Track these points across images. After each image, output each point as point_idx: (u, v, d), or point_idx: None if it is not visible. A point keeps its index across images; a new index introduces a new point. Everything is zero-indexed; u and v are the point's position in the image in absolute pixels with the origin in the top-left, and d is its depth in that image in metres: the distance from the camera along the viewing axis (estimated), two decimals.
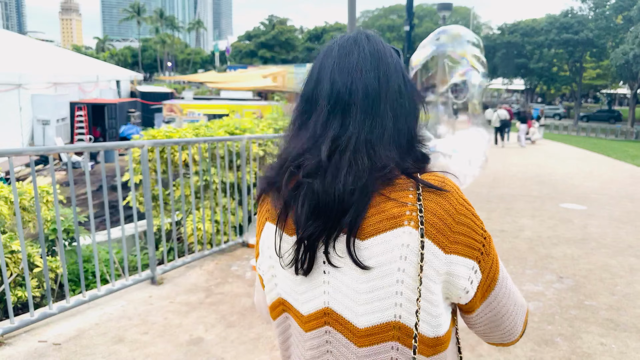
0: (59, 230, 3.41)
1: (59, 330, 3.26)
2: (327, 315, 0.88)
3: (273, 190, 0.91)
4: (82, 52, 77.71)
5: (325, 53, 0.94)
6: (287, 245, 0.89)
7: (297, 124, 0.92)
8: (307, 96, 0.91)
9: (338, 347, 0.88)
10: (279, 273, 0.94)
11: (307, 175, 0.83)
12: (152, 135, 4.76)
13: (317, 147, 0.85)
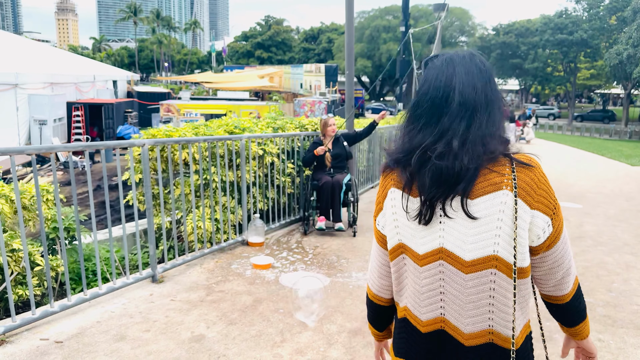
0: (61, 229, 3.42)
1: (61, 328, 3.27)
2: (442, 252, 1.24)
3: (400, 166, 1.27)
4: (78, 52, 77.42)
5: (447, 64, 1.26)
6: (411, 204, 1.25)
7: (422, 121, 1.25)
8: (433, 100, 1.24)
9: (449, 274, 1.24)
10: (402, 224, 1.29)
11: (438, 157, 1.19)
12: (151, 134, 4.77)
13: (447, 139, 1.20)
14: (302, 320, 3.48)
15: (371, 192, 8.65)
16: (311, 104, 28.13)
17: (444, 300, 1.26)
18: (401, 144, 1.29)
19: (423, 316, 1.30)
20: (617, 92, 61.02)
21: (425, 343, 1.30)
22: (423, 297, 1.29)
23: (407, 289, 1.34)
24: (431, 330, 1.29)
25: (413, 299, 1.32)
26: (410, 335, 1.34)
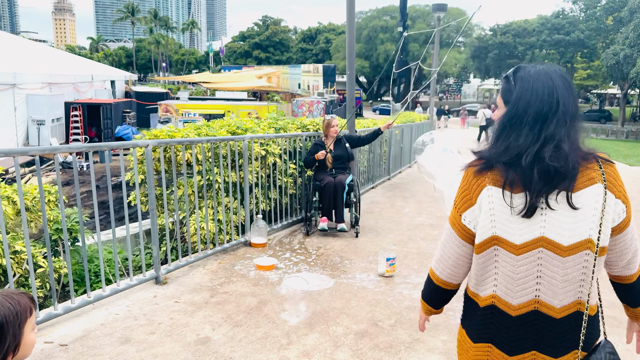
0: (65, 231, 3.39)
1: (65, 330, 3.24)
2: (542, 240, 1.41)
3: (503, 167, 1.42)
4: (76, 52, 77.20)
5: (545, 77, 1.44)
6: (515, 200, 1.40)
7: (524, 128, 1.41)
8: (539, 109, 1.41)
9: (547, 259, 1.41)
10: (499, 218, 1.43)
11: (550, 158, 1.37)
12: (154, 135, 4.74)
13: (555, 143, 1.38)
14: (286, 319, 3.46)
15: (372, 193, 8.63)
16: (309, 104, 28.12)
17: (539, 284, 1.44)
18: (503, 148, 1.44)
19: (515, 301, 1.46)
20: (614, 92, 61.23)
21: (516, 325, 1.47)
22: (518, 283, 1.45)
23: (496, 278, 1.49)
24: (524, 312, 1.45)
25: (505, 285, 1.47)
26: (499, 321, 1.49)
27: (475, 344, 1.55)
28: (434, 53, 17.32)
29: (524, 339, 1.47)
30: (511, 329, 1.47)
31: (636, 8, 32.78)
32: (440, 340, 3.30)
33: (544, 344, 1.47)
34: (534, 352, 1.48)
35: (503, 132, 1.46)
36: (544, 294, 1.43)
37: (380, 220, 6.65)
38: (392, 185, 9.63)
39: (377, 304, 3.85)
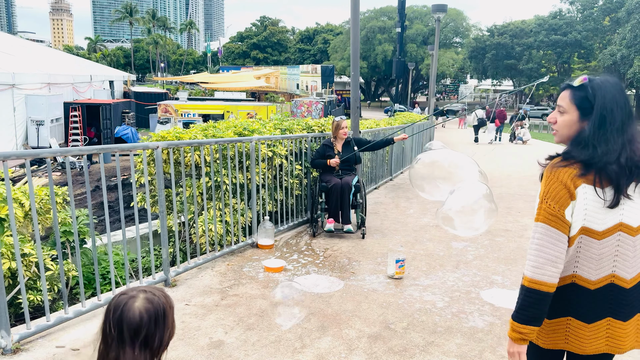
0: (75, 233, 3.36)
1: (77, 334, 3.21)
2: (621, 225, 1.67)
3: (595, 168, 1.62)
4: (74, 52, 76.96)
5: (619, 88, 1.68)
6: (607, 194, 1.62)
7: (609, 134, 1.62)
8: (622, 117, 1.64)
9: (624, 240, 1.68)
10: (589, 211, 1.64)
11: (634, 157, 1.62)
12: (161, 137, 4.71)
13: (635, 145, 1.64)
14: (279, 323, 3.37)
15: (375, 193, 8.62)
16: (308, 105, 28.11)
17: (616, 261, 1.70)
18: (601, 152, 1.63)
19: (594, 277, 1.71)
20: None
21: (593, 297, 1.71)
22: (598, 263, 1.70)
23: (577, 261, 1.72)
24: (601, 285, 1.71)
25: (586, 265, 1.71)
26: (578, 296, 1.72)
27: (551, 320, 1.76)
28: (432, 54, 17.30)
29: (600, 308, 1.72)
30: (590, 300, 1.72)
31: (633, 9, 32.92)
32: (455, 344, 3.28)
33: (617, 311, 1.72)
34: (609, 318, 1.72)
35: (594, 138, 1.64)
36: (619, 269, 1.71)
37: (386, 221, 6.64)
38: (394, 185, 9.62)
39: (388, 307, 3.83)
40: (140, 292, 1.37)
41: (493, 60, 50.35)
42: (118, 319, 1.32)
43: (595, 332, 1.72)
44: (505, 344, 3.25)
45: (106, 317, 1.34)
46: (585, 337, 1.73)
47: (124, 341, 1.31)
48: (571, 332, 1.74)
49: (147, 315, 1.32)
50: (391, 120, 13.69)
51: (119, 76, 32.72)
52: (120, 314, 1.32)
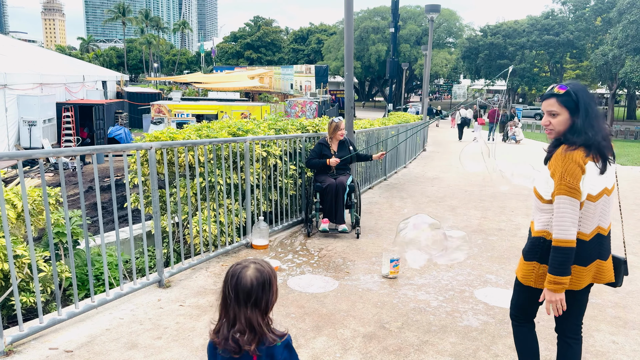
0: (68, 234, 3.33)
1: (70, 336, 3.19)
2: (605, 190, 2.23)
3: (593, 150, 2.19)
4: (66, 52, 76.52)
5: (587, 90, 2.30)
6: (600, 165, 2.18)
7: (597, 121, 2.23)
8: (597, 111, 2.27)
9: (605, 199, 2.23)
10: (591, 182, 2.19)
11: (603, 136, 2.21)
12: (154, 137, 4.69)
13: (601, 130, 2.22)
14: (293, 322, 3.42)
15: (369, 193, 8.63)
16: (302, 105, 28.09)
17: (601, 216, 2.26)
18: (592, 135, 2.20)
19: (588, 230, 2.25)
20: (602, 92, 61.86)
21: (587, 246, 2.25)
22: (591, 220, 2.24)
23: (581, 220, 2.22)
24: (592, 236, 2.25)
25: (585, 223, 2.24)
26: (578, 247, 2.19)
27: (528, 262, 2.36)
28: (426, 54, 17.32)
29: (592, 253, 2.27)
30: (585, 249, 2.24)
31: (625, 9, 33.14)
32: (449, 343, 3.29)
33: (602, 254, 2.30)
34: (598, 260, 2.29)
35: (584, 126, 2.21)
36: (602, 222, 2.28)
37: (380, 221, 6.65)
38: (389, 185, 9.63)
39: (383, 306, 3.84)
40: (252, 263, 1.68)
41: (486, 60, 50.49)
42: (235, 285, 1.63)
43: (589, 272, 2.28)
44: (499, 343, 3.27)
45: (225, 283, 1.66)
46: (582, 276, 2.27)
47: (240, 302, 1.62)
48: (573, 275, 2.24)
49: (256, 282, 1.63)
50: (385, 121, 13.70)
51: (111, 76, 32.55)
52: (236, 280, 1.63)
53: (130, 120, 22.56)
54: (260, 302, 1.64)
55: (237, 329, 1.61)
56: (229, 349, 1.61)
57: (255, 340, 1.61)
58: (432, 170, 12.30)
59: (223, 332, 1.64)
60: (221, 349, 1.64)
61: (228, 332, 1.63)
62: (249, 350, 1.60)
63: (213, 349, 1.69)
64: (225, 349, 1.61)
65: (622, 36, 32.76)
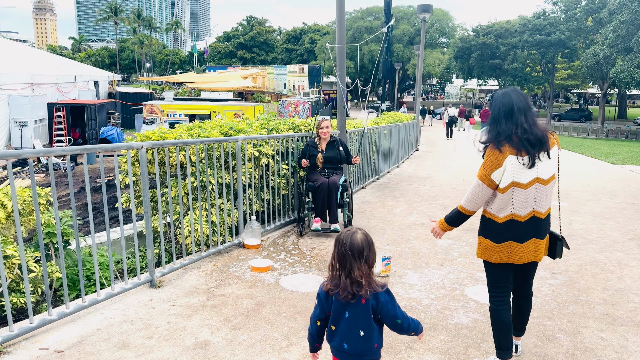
0: (59, 234, 3.32)
1: (60, 337, 3.18)
2: (537, 178, 2.68)
3: (507, 143, 2.65)
4: (57, 52, 76.00)
5: (504, 94, 2.78)
6: (525, 159, 2.64)
7: (502, 121, 2.70)
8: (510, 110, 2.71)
9: (539, 188, 2.70)
10: (516, 171, 2.65)
11: (527, 133, 2.65)
12: (146, 137, 4.68)
13: (525, 126, 2.65)
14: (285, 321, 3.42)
15: (362, 193, 8.65)
16: (295, 105, 28.08)
17: (535, 201, 2.73)
18: (495, 133, 2.73)
19: (523, 212, 2.73)
20: (593, 91, 62.30)
21: (523, 226, 2.74)
22: (525, 204, 2.71)
23: (513, 203, 2.72)
24: (527, 218, 2.73)
25: (519, 206, 2.72)
26: (515, 226, 2.74)
27: (499, 244, 2.80)
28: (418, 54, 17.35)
29: (528, 232, 2.75)
30: (522, 228, 2.74)
31: (615, 9, 33.39)
32: (440, 340, 3.31)
33: (537, 233, 2.78)
34: (534, 238, 2.78)
35: (491, 126, 2.77)
36: (537, 206, 2.74)
37: (373, 220, 6.67)
38: (381, 185, 9.66)
39: None
40: (358, 229, 2.17)
41: (478, 60, 50.67)
42: (350, 245, 2.09)
43: (526, 248, 2.77)
44: (489, 340, 3.30)
45: (340, 245, 2.12)
46: (520, 252, 2.77)
47: (355, 258, 2.09)
48: (512, 250, 2.77)
49: (365, 243, 2.12)
50: (378, 120, 13.73)
51: (104, 76, 32.38)
52: (350, 242, 2.10)
53: (123, 120, 22.44)
54: (368, 259, 2.10)
55: (353, 279, 2.07)
56: (345, 295, 2.08)
57: (366, 287, 2.07)
58: (425, 169, 12.34)
59: (340, 283, 2.09)
60: (335, 295, 2.12)
61: (345, 282, 2.08)
62: (363, 295, 2.08)
63: (326, 296, 2.17)
64: (339, 295, 2.10)
65: (612, 36, 33.00)
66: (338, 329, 2.15)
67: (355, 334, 2.13)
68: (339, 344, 2.17)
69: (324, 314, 2.20)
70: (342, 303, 2.12)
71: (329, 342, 2.24)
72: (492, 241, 2.78)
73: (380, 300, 2.12)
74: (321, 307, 2.20)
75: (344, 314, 2.13)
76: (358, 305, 2.11)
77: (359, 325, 2.13)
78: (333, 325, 2.17)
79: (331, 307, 2.16)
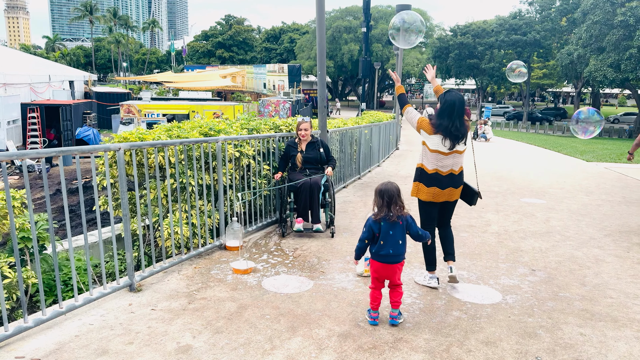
0: (34, 238, 3.22)
1: (37, 344, 3.09)
2: (456, 150, 4.12)
3: (441, 131, 4.05)
4: (31, 52, 74.28)
5: (451, 96, 4.07)
6: (447, 143, 4.07)
7: (445, 116, 4.03)
8: (446, 110, 4.05)
9: (456, 156, 4.16)
10: (440, 145, 4.08)
11: (457, 129, 4.04)
12: (124, 138, 4.59)
13: (458, 122, 4.02)
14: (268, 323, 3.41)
15: (344, 192, 8.65)
16: (276, 104, 27.99)
17: (453, 164, 4.12)
18: (438, 123, 4.02)
19: (444, 170, 4.10)
20: (568, 90, 63.58)
21: (444, 178, 4.11)
22: (445, 164, 4.11)
23: (436, 163, 4.10)
24: (447, 173, 4.11)
25: (440, 166, 4.10)
26: (438, 177, 4.10)
27: (428, 188, 4.12)
28: (397, 53, 17.42)
29: (447, 182, 4.11)
30: (443, 180, 4.10)
31: (588, 10, 34.10)
32: (423, 339, 3.32)
33: (453, 184, 4.13)
34: (450, 187, 4.14)
35: (437, 118, 4.03)
36: (453, 166, 4.11)
37: (355, 219, 6.67)
38: (363, 184, 9.68)
39: (357, 305, 3.85)
40: (389, 181, 3.52)
41: (456, 60, 51.26)
42: (391, 190, 3.44)
43: (444, 193, 4.14)
44: (472, 338, 3.32)
45: (386, 192, 3.44)
46: (439, 195, 4.14)
47: (390, 202, 3.42)
48: (434, 194, 4.14)
49: (395, 191, 3.46)
50: (358, 120, 13.76)
51: (79, 76, 31.74)
52: (391, 189, 3.45)
53: (99, 120, 22.05)
54: (399, 198, 3.45)
55: (394, 209, 3.42)
56: (390, 218, 3.41)
57: (403, 212, 3.44)
58: (405, 168, 12.42)
59: (385, 213, 3.41)
60: (382, 221, 3.42)
61: (388, 211, 3.41)
62: (402, 216, 3.45)
63: (375, 223, 3.44)
64: (387, 219, 3.41)
65: (586, 36, 33.71)
66: (387, 242, 3.42)
67: (397, 243, 3.43)
68: (387, 251, 3.42)
69: (373, 235, 3.45)
70: (389, 225, 3.41)
71: (378, 252, 3.44)
72: (423, 184, 4.14)
73: (408, 221, 3.49)
74: (370, 232, 3.44)
75: (389, 232, 3.41)
76: (396, 225, 3.43)
77: (398, 237, 3.44)
78: (382, 241, 3.42)
79: (380, 230, 3.41)
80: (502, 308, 3.89)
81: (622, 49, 30.83)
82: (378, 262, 3.45)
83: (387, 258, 3.42)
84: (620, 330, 3.55)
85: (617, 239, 6.14)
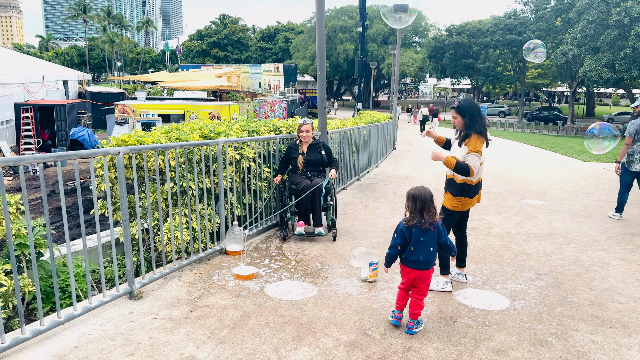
0: (31, 245, 3.12)
1: (35, 356, 2.98)
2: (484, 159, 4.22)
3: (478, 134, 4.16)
4: (24, 51, 73.75)
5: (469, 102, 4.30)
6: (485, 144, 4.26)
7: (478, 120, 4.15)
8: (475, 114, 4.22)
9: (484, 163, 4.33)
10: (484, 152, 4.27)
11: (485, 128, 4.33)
12: (122, 141, 4.49)
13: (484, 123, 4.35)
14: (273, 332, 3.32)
15: (343, 194, 8.56)
16: (271, 104, 27.86)
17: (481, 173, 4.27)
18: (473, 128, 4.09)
19: (475, 179, 4.19)
20: (563, 90, 63.80)
21: (474, 187, 4.21)
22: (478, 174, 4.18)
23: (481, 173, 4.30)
24: (477, 182, 4.22)
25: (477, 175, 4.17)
26: (467, 187, 4.17)
27: (456, 197, 4.19)
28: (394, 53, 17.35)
29: (474, 192, 4.22)
30: (471, 189, 4.18)
31: (583, 9, 34.19)
32: (433, 348, 3.24)
33: (478, 191, 4.29)
34: (476, 195, 4.25)
35: (470, 123, 4.10)
36: (480, 175, 4.25)
37: (356, 222, 6.58)
38: (362, 185, 9.60)
39: (364, 312, 3.77)
40: (422, 186, 3.48)
41: (451, 60, 51.32)
42: (424, 197, 3.40)
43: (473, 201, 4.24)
44: (482, 347, 3.24)
45: (419, 198, 3.40)
46: (468, 203, 4.23)
47: (423, 208, 3.39)
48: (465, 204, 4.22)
49: (429, 197, 3.41)
50: (356, 120, 13.68)
51: (73, 76, 31.49)
52: (419, 196, 3.40)
53: (94, 120, 21.86)
54: (432, 204, 3.41)
55: (426, 215, 3.38)
56: (423, 225, 3.37)
57: (434, 219, 3.41)
58: (404, 169, 12.35)
59: (417, 219, 3.38)
60: (414, 227, 3.39)
61: (421, 218, 3.37)
62: (433, 223, 3.40)
63: (407, 229, 3.42)
64: (419, 226, 3.37)
65: (581, 36, 33.79)
66: (417, 249, 3.39)
67: (427, 250, 3.40)
68: (417, 257, 3.40)
69: (404, 241, 3.42)
70: (420, 231, 3.38)
71: (407, 258, 3.42)
72: (451, 194, 4.19)
73: (439, 228, 3.45)
74: (402, 238, 3.42)
75: (420, 238, 3.39)
76: (428, 231, 3.40)
77: (429, 244, 3.41)
78: (412, 247, 3.40)
79: (411, 236, 3.39)
80: (510, 314, 3.82)
81: (617, 49, 30.93)
82: (407, 267, 3.45)
83: (417, 264, 3.39)
84: (631, 337, 3.49)
85: (621, 241, 6.09)
